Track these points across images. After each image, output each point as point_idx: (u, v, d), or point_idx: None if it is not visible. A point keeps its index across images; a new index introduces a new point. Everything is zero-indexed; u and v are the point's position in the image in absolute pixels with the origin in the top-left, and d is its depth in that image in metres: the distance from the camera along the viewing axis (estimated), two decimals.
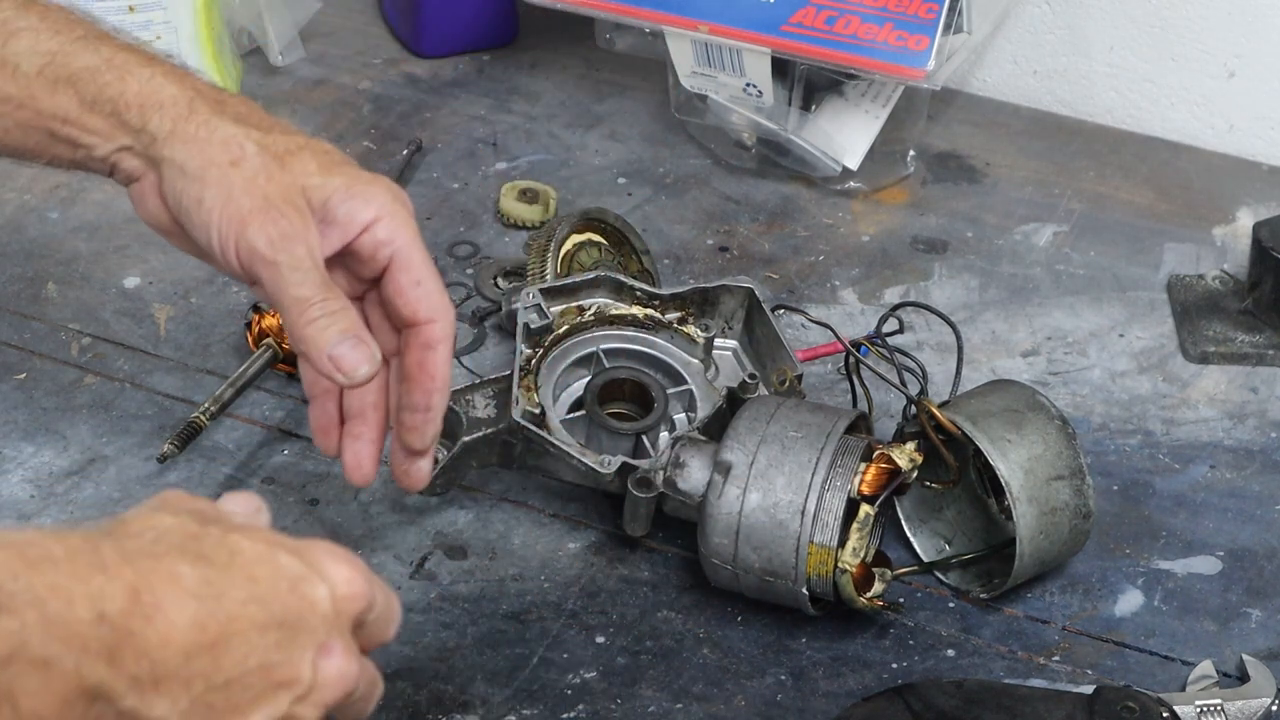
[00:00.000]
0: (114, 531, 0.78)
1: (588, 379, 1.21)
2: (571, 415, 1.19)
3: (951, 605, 1.16)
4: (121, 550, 0.75)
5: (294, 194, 0.98)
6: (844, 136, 1.50)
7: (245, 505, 0.87)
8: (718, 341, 1.24)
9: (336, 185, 0.99)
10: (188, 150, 0.99)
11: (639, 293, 1.25)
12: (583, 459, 1.14)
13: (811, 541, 1.08)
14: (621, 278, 1.25)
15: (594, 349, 1.23)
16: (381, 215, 1.00)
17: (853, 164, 1.50)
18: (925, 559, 1.18)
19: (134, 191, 1.03)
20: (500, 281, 1.39)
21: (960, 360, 1.19)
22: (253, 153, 0.98)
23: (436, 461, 1.16)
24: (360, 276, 1.03)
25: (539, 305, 1.22)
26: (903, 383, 1.17)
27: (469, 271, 1.41)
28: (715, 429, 1.15)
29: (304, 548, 0.81)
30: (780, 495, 1.08)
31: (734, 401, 1.18)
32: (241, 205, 0.97)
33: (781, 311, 1.32)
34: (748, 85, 1.47)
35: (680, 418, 1.21)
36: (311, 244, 0.97)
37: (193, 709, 0.75)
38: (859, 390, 1.22)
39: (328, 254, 0.99)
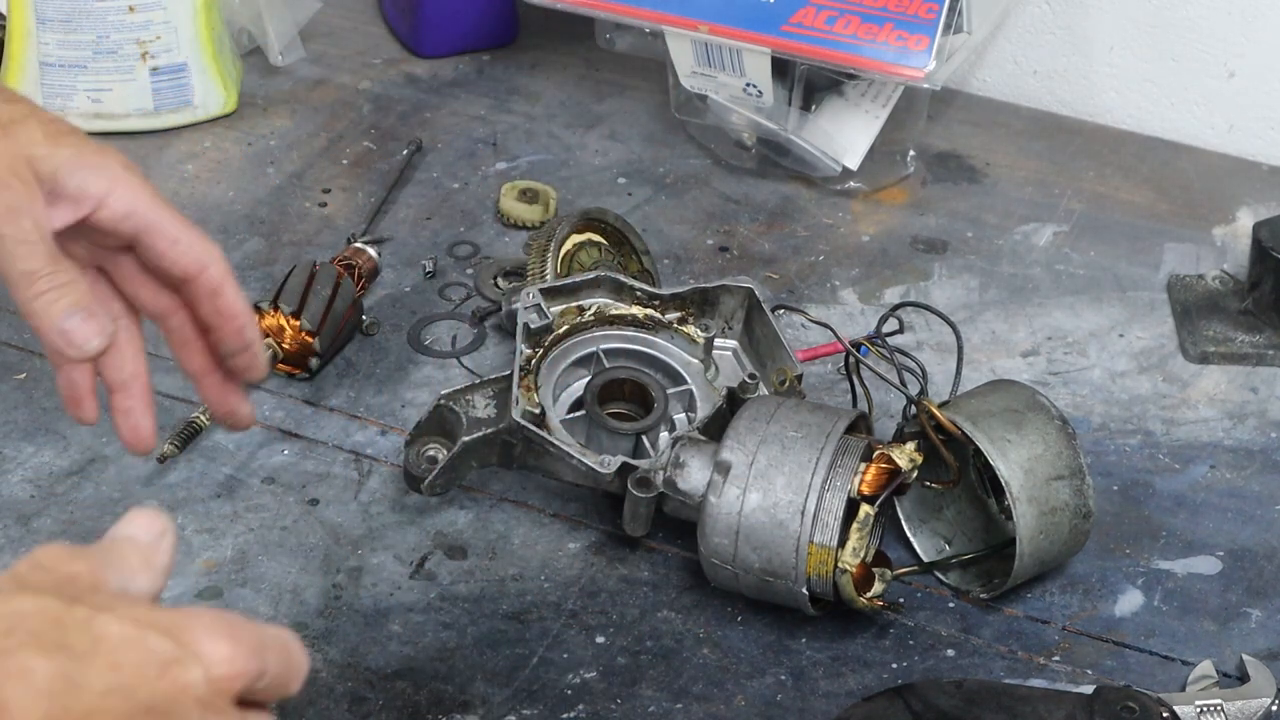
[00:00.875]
0: None
1: (588, 379, 1.21)
2: (571, 415, 1.19)
3: (951, 605, 1.16)
4: None
5: (19, 164, 0.95)
6: (844, 136, 1.50)
7: (148, 528, 0.80)
8: (718, 341, 1.24)
9: (65, 156, 0.96)
10: None
11: (639, 293, 1.25)
12: (583, 459, 1.14)
13: (811, 541, 1.08)
14: (621, 278, 1.25)
15: (594, 349, 1.23)
16: (115, 187, 0.97)
17: (853, 164, 1.50)
18: (925, 559, 1.18)
19: None
20: (500, 281, 1.39)
21: (960, 360, 1.19)
22: None
23: (436, 461, 1.16)
24: (104, 247, 1.00)
25: (539, 305, 1.22)
26: (903, 383, 1.17)
27: (469, 271, 1.41)
28: (715, 429, 1.15)
29: (180, 625, 0.74)
30: (780, 495, 1.08)
31: (734, 401, 1.18)
32: None
33: (781, 311, 1.32)
34: (748, 85, 1.47)
35: (680, 418, 1.21)
36: (38, 217, 0.95)
37: None
38: (859, 390, 1.22)
39: (59, 227, 0.96)
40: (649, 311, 1.24)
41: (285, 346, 1.27)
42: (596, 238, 1.34)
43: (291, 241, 1.43)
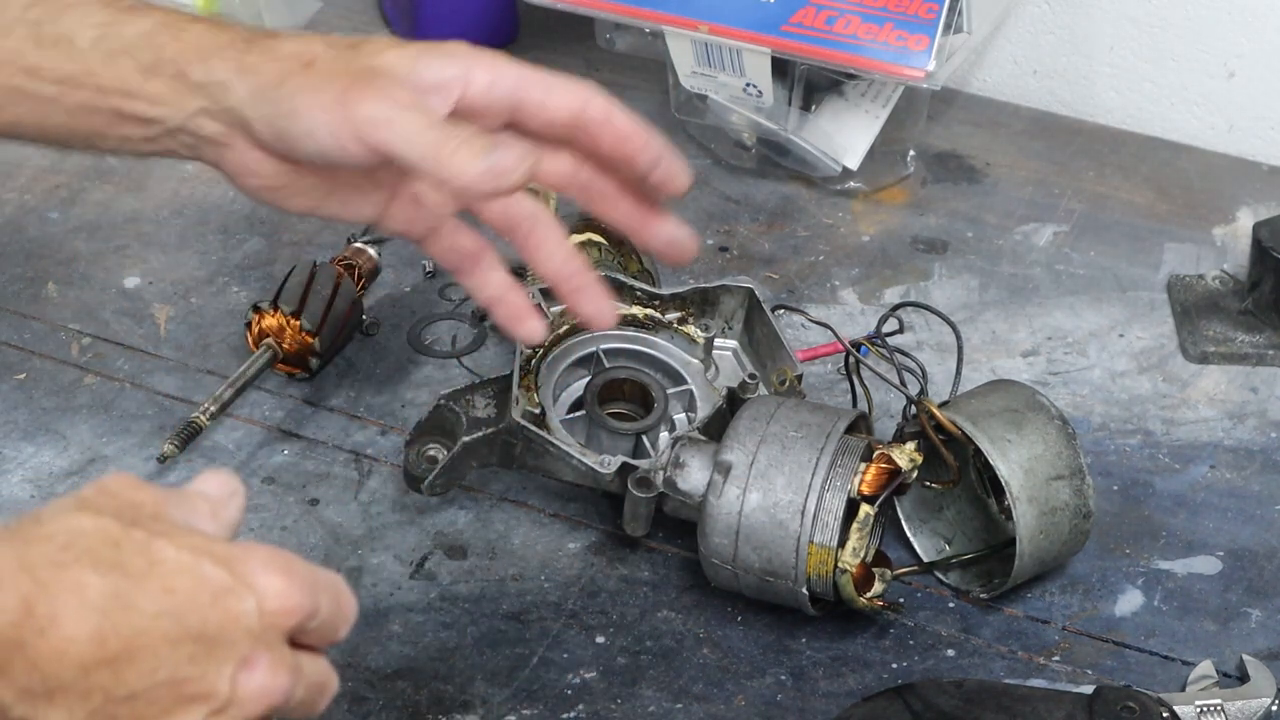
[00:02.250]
0: (22, 533, 0.75)
1: (588, 379, 1.22)
2: (571, 415, 1.19)
3: (951, 605, 1.16)
4: (22, 558, 0.73)
5: (378, 68, 0.94)
6: (844, 136, 1.50)
7: (220, 487, 0.82)
8: (718, 341, 1.24)
9: (413, 54, 0.95)
10: (259, 78, 0.95)
11: (639, 293, 1.25)
12: (583, 459, 1.14)
13: (811, 541, 1.08)
14: (621, 278, 1.25)
15: (594, 349, 1.23)
16: (470, 64, 0.96)
17: (853, 164, 1.50)
18: (925, 559, 1.18)
19: (228, 164, 0.99)
20: None
21: (960, 360, 1.19)
22: (321, 49, 0.95)
23: (436, 461, 1.16)
24: (489, 128, 0.98)
25: (539, 305, 1.22)
26: (903, 383, 1.17)
27: None
28: (715, 429, 1.15)
29: (236, 556, 0.77)
30: (780, 495, 1.08)
31: (734, 401, 1.18)
32: (334, 89, 0.93)
33: (781, 311, 1.32)
34: (748, 85, 1.47)
35: (680, 418, 1.21)
36: (417, 99, 0.94)
37: (91, 719, 0.73)
38: (859, 390, 1.22)
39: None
40: (649, 311, 1.24)
41: (285, 346, 1.27)
42: (596, 238, 1.34)
43: (291, 241, 1.43)
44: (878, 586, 1.09)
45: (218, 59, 0.96)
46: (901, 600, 1.15)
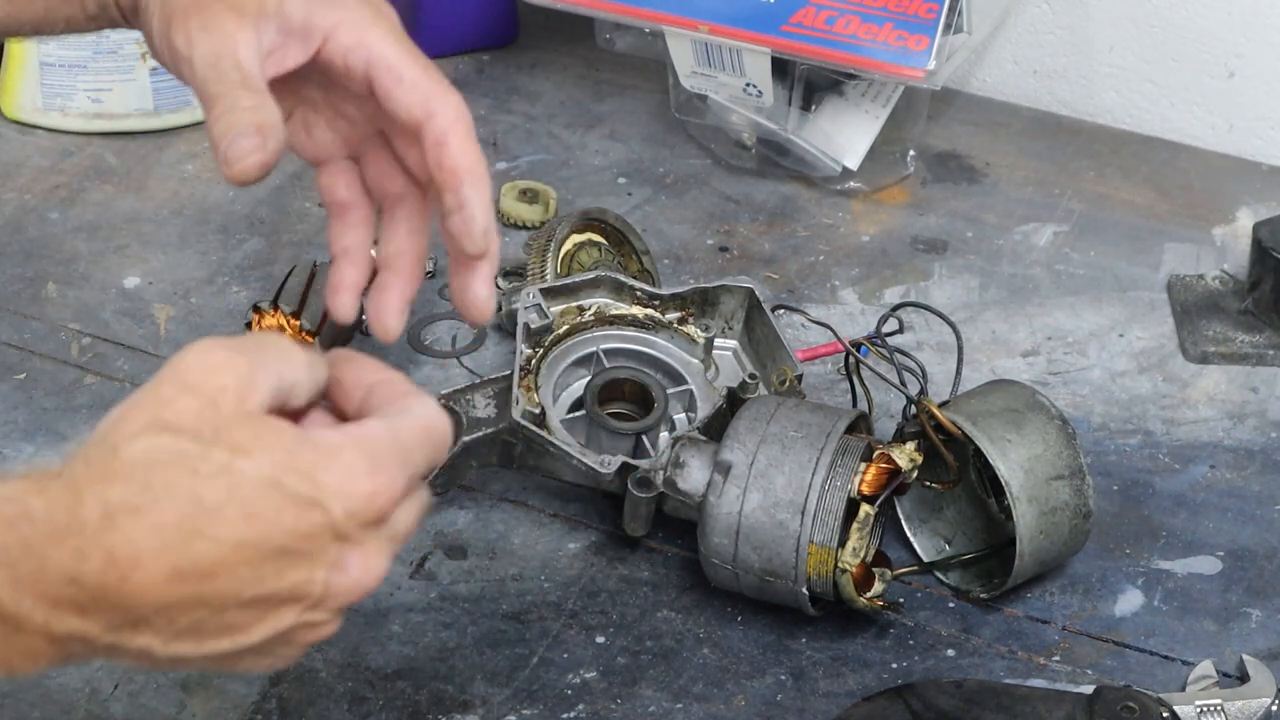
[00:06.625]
0: (100, 466, 0.74)
1: (588, 379, 1.21)
2: (571, 415, 1.19)
3: (951, 605, 1.16)
4: (105, 504, 0.72)
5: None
6: (844, 136, 1.50)
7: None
8: (718, 341, 1.24)
9: None
10: None
11: (639, 293, 1.25)
12: (583, 459, 1.14)
13: (811, 541, 1.08)
14: (621, 278, 1.25)
15: (594, 349, 1.23)
16: (344, 18, 0.89)
17: (853, 164, 1.50)
18: (925, 559, 1.18)
19: (142, 27, 0.95)
20: (500, 281, 1.39)
21: (960, 360, 1.19)
22: None
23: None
24: (357, 97, 0.92)
25: (539, 305, 1.22)
26: (903, 383, 1.17)
27: None
28: (715, 429, 1.15)
29: (319, 464, 0.74)
30: (780, 495, 1.08)
31: (734, 401, 1.18)
32: (177, 4, 0.89)
33: (781, 311, 1.32)
34: (748, 85, 1.47)
35: (680, 418, 1.21)
36: (239, 43, 0.87)
37: (180, 636, 0.74)
38: (859, 390, 1.22)
39: (290, 68, 0.89)
40: (649, 311, 1.25)
41: None
42: (596, 238, 1.34)
43: (291, 241, 1.43)
44: (878, 586, 1.09)
45: None
46: (901, 600, 1.15)
